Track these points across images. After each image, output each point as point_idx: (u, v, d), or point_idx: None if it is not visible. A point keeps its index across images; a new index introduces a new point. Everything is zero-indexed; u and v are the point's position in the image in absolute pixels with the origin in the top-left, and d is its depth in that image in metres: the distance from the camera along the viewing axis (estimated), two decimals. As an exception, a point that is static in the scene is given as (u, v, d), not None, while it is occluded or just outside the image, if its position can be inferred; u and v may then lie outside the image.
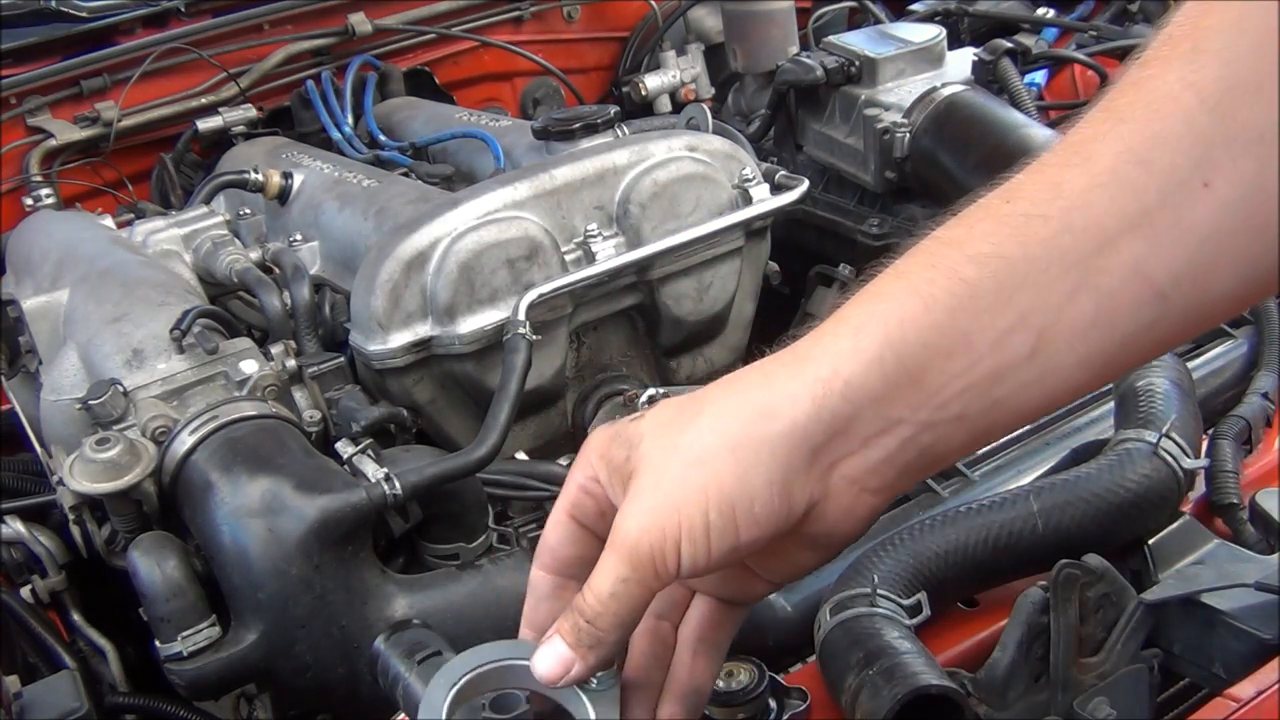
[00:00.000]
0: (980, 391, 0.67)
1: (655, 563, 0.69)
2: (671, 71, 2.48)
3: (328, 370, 1.39)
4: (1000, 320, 0.66)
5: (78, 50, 2.18)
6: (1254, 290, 0.67)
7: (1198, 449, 1.10)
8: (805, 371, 0.68)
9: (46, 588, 1.43)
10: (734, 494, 0.68)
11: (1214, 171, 0.63)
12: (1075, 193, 0.65)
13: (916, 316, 0.67)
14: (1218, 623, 0.94)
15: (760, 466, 0.67)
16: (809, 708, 0.96)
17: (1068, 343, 0.66)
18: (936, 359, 0.66)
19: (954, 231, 0.69)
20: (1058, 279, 0.65)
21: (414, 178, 1.86)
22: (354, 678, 1.14)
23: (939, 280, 0.67)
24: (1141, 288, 0.65)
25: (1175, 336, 0.68)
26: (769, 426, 0.68)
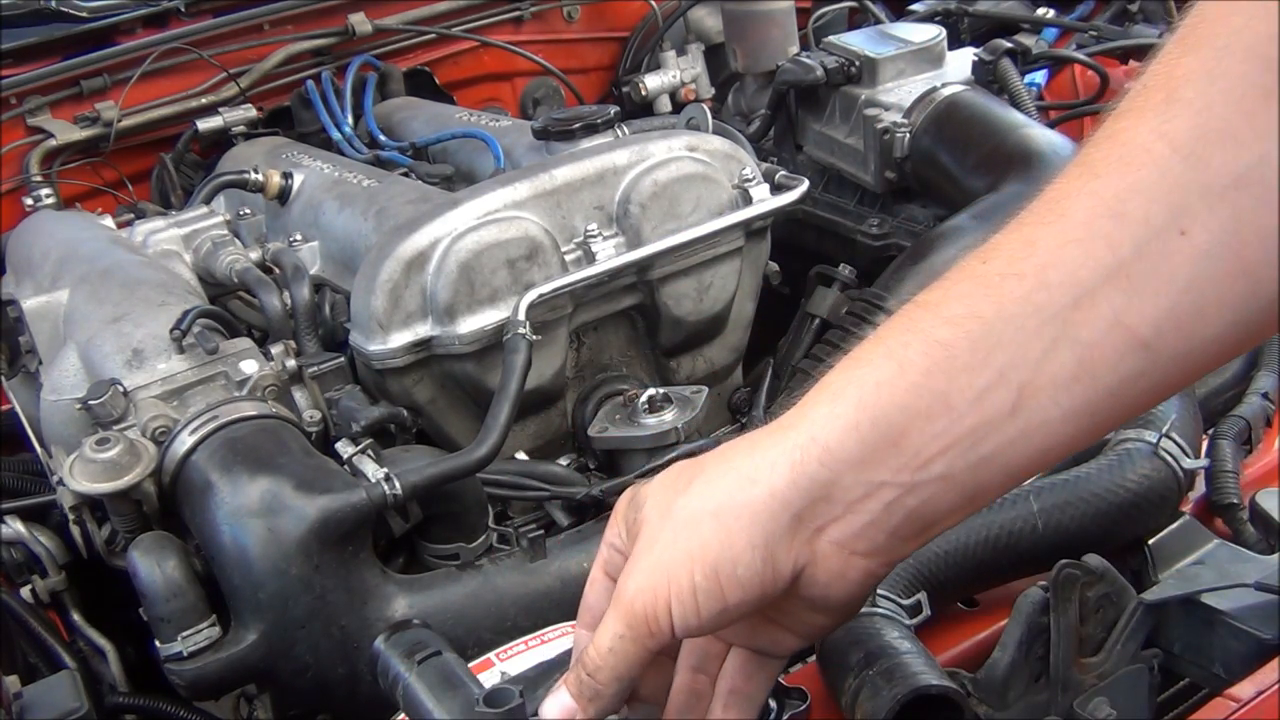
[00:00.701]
0: (963, 450, 0.67)
1: (649, 622, 0.71)
2: (671, 71, 2.48)
3: (328, 370, 1.39)
4: (978, 379, 0.66)
5: (78, 50, 2.18)
6: (1244, 335, 0.66)
7: (1198, 449, 1.10)
8: (786, 439, 0.70)
9: (46, 588, 1.43)
10: (718, 558, 0.69)
11: (1190, 220, 0.63)
12: (1049, 249, 0.65)
13: (892, 380, 0.67)
14: (1218, 623, 0.94)
15: (742, 531, 0.69)
16: (809, 708, 0.96)
17: (1051, 397, 0.65)
18: (915, 420, 0.67)
19: (932, 295, 0.70)
20: (1034, 334, 0.65)
21: (414, 178, 1.86)
22: (354, 678, 1.14)
23: (914, 344, 0.67)
24: (1123, 338, 0.64)
25: (1165, 386, 0.67)
26: (750, 492, 0.69)
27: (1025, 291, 0.65)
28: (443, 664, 0.96)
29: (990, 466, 0.68)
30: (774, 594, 0.71)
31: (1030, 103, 1.83)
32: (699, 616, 0.70)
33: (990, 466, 0.68)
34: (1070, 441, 0.68)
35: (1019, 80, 1.86)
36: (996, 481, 0.69)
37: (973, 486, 0.69)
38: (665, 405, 1.42)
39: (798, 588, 0.71)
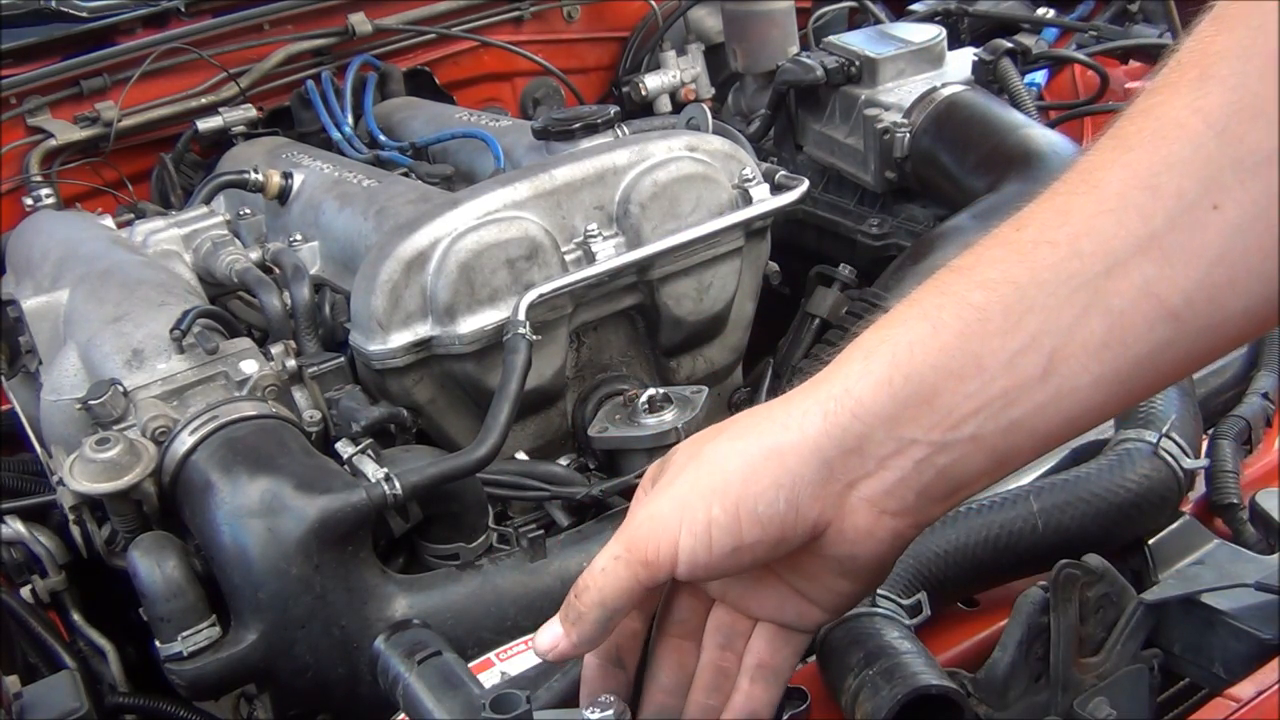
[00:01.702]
0: (994, 412, 0.68)
1: (648, 550, 0.72)
2: (671, 71, 2.48)
3: (328, 370, 1.39)
4: (1010, 342, 0.67)
5: (78, 50, 2.18)
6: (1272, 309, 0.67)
7: (1198, 449, 1.10)
8: (819, 392, 0.71)
9: (46, 588, 1.43)
10: (740, 493, 0.70)
11: (1222, 194, 0.64)
12: (1083, 219, 0.66)
13: (925, 339, 0.68)
14: (1218, 623, 0.94)
15: (769, 471, 0.70)
16: (809, 708, 0.96)
17: (1081, 363, 0.66)
18: (947, 380, 0.68)
19: (965, 260, 0.70)
20: (1066, 301, 0.66)
21: (414, 178, 1.86)
22: (354, 678, 1.14)
23: (948, 306, 0.69)
24: (1153, 308, 0.65)
25: (1193, 358, 0.68)
26: (781, 436, 0.70)
27: (1058, 259, 0.66)
28: (443, 664, 0.97)
29: (1020, 430, 0.68)
30: (792, 541, 0.71)
31: (1030, 103, 1.83)
32: (710, 552, 0.70)
33: (1020, 430, 0.68)
34: (1099, 409, 0.69)
35: (1019, 80, 1.86)
36: (1026, 445, 0.70)
37: (1003, 449, 0.69)
38: (665, 405, 1.42)
39: (824, 546, 0.72)
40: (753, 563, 0.72)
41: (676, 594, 0.79)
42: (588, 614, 0.75)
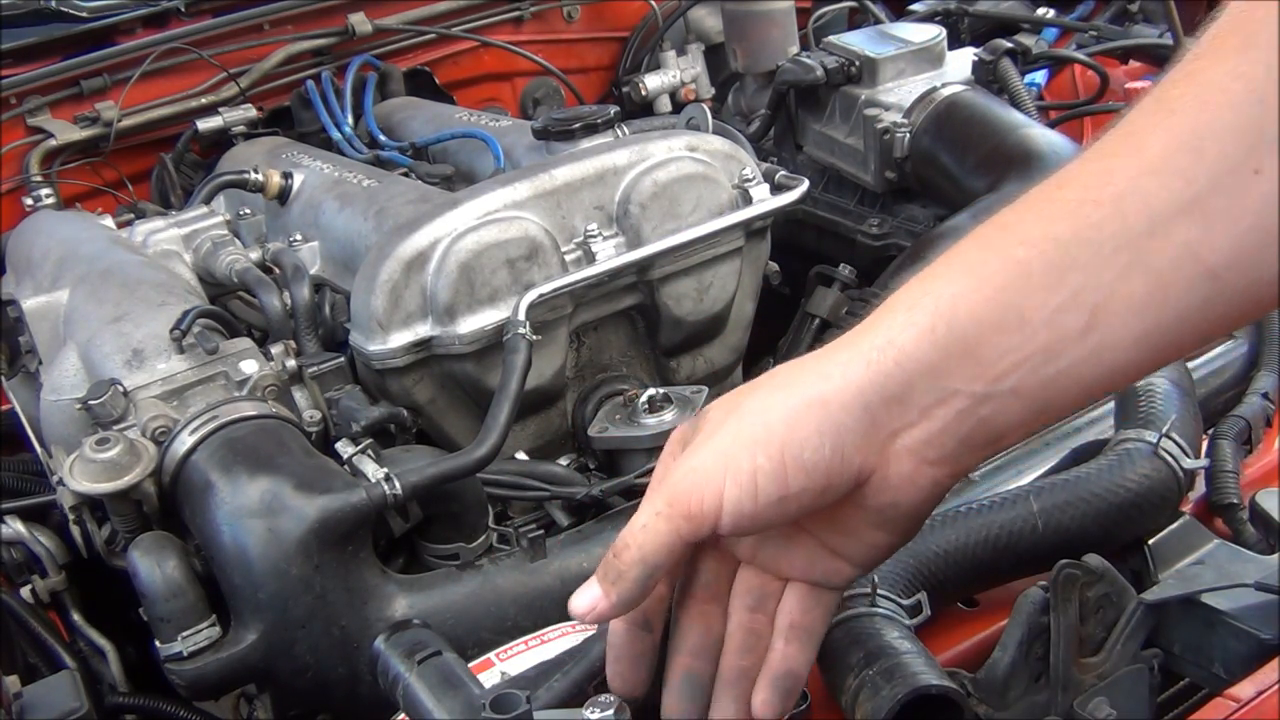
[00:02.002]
0: (1035, 366, 0.68)
1: (691, 503, 0.71)
2: (671, 71, 2.48)
3: (328, 370, 1.39)
4: (1053, 298, 0.68)
5: (78, 50, 2.18)
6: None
7: (1198, 449, 1.10)
8: (862, 342, 0.71)
9: (46, 588, 1.43)
10: (784, 439, 0.70)
11: (1264, 159, 0.65)
12: (1127, 179, 0.67)
13: (968, 292, 0.69)
14: (1218, 623, 0.94)
15: (813, 418, 0.70)
16: (809, 708, 0.96)
17: (1122, 320, 0.67)
18: (989, 333, 0.69)
19: (1007, 217, 0.71)
20: (1109, 258, 0.67)
21: (414, 178, 1.86)
22: (354, 678, 1.14)
23: (991, 260, 0.70)
24: (1194, 268, 0.66)
25: (1231, 317, 0.69)
26: (824, 385, 0.71)
27: (1101, 218, 0.67)
28: (443, 664, 0.97)
29: (1060, 383, 0.69)
30: (837, 489, 0.71)
31: (1030, 103, 1.83)
32: (755, 502, 0.70)
33: (1060, 383, 0.69)
34: (1138, 364, 0.70)
35: (1019, 80, 1.86)
36: (1065, 399, 0.71)
37: (1042, 401, 0.70)
38: (665, 405, 1.42)
39: (865, 496, 0.72)
40: (798, 512, 0.72)
41: (702, 557, 0.79)
42: (628, 572, 0.74)
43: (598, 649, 0.95)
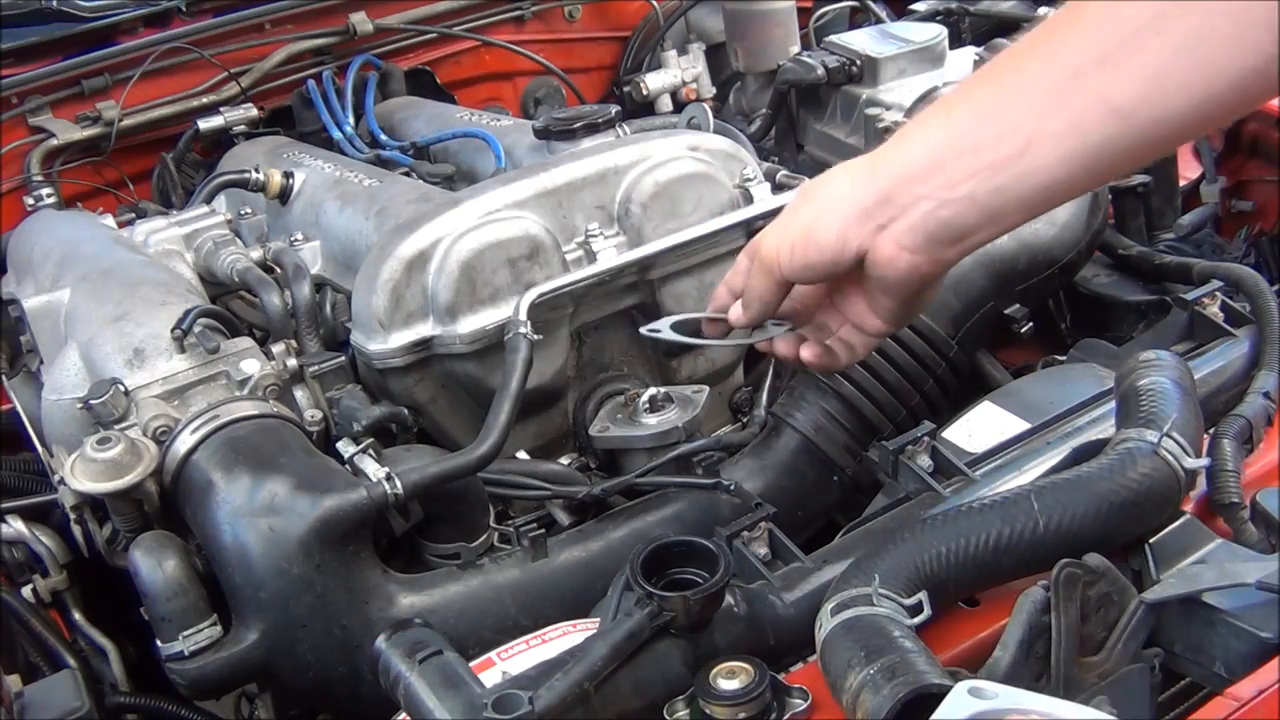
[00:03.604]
0: (983, 179, 0.93)
1: (767, 259, 1.08)
2: (673, 71, 2.48)
3: (329, 370, 1.39)
4: (999, 127, 0.92)
5: (79, 50, 2.18)
6: (1204, 116, 0.89)
7: (1199, 448, 1.10)
8: (873, 158, 1.01)
9: (48, 587, 1.43)
10: (810, 229, 1.03)
11: (1164, 22, 0.84)
12: (1062, 37, 0.90)
13: (941, 125, 0.96)
14: (1218, 622, 0.94)
15: (825, 216, 1.02)
16: (810, 707, 0.96)
17: (1049, 146, 0.90)
18: (950, 154, 0.94)
19: (974, 76, 1.00)
20: (1040, 98, 0.90)
21: (415, 177, 1.86)
22: (355, 677, 1.14)
23: (957, 102, 0.97)
24: (1105, 107, 0.88)
25: (1137, 150, 0.92)
26: (843, 184, 1.02)
27: (1035, 68, 0.91)
28: (444, 663, 0.97)
29: (1003, 195, 0.94)
30: (843, 264, 1.03)
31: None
32: (792, 263, 1.05)
33: (1003, 195, 0.94)
34: (1065, 182, 0.93)
35: (1020, 79, 1.86)
36: (1009, 209, 0.95)
37: (991, 209, 0.95)
38: (666, 405, 1.42)
39: (867, 270, 1.03)
40: (826, 273, 1.05)
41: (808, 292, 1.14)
42: (753, 303, 1.13)
43: (598, 648, 0.96)
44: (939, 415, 1.38)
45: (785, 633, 1.08)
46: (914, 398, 1.41)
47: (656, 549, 1.02)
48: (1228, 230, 1.98)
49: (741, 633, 1.05)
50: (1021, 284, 1.54)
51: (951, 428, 1.33)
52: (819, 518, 1.38)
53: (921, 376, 1.42)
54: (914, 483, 1.23)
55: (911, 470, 1.23)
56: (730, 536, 1.15)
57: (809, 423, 1.36)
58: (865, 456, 1.31)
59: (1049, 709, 0.78)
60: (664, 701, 0.98)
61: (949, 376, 1.45)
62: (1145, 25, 0.85)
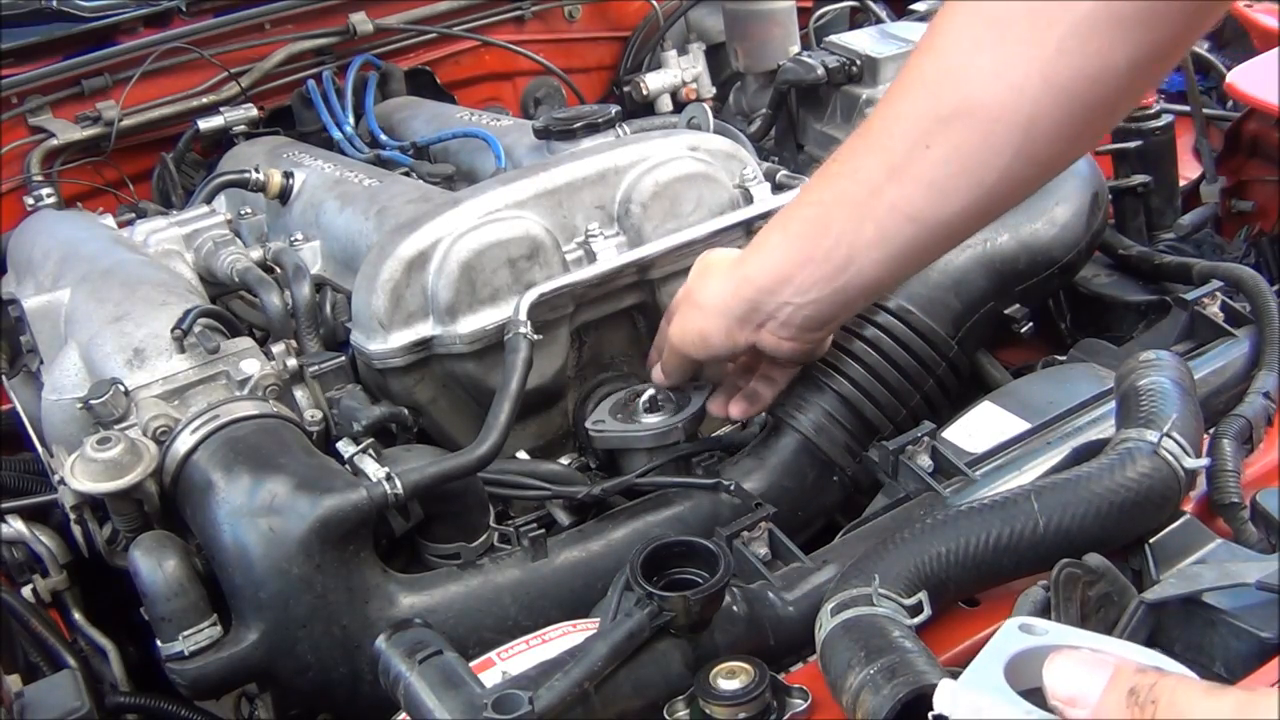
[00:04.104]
0: (824, 284, 1.14)
1: (679, 348, 1.29)
2: (673, 71, 2.48)
3: (329, 370, 1.39)
4: (826, 241, 1.11)
5: (79, 50, 2.18)
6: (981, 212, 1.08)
7: (1199, 448, 1.10)
8: (736, 274, 1.21)
9: (48, 587, 1.43)
10: (704, 333, 1.25)
11: (932, 138, 1.01)
12: (860, 156, 1.08)
13: (782, 244, 1.16)
14: (1219, 622, 0.94)
15: (714, 322, 1.23)
16: (810, 707, 0.96)
17: (867, 254, 1.10)
18: (795, 266, 1.14)
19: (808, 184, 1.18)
20: (851, 213, 1.09)
21: (415, 177, 1.86)
22: (355, 677, 1.14)
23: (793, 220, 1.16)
24: (900, 215, 1.06)
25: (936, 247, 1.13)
26: (722, 297, 1.22)
27: (845, 186, 1.09)
28: (444, 663, 0.97)
29: (844, 294, 1.15)
30: (739, 351, 1.26)
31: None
32: (698, 355, 1.28)
33: (844, 294, 1.15)
34: (891, 277, 1.16)
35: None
36: (853, 300, 1.18)
37: (839, 304, 1.17)
38: (666, 404, 1.42)
39: (759, 350, 1.25)
40: (725, 358, 1.30)
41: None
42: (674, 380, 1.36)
43: (598, 648, 0.96)
44: (939, 415, 1.38)
45: (785, 633, 1.08)
46: (914, 398, 1.41)
47: (656, 549, 1.02)
48: (1228, 230, 1.98)
49: (741, 633, 1.05)
50: (1021, 284, 1.54)
51: (951, 428, 1.33)
52: (819, 518, 1.38)
53: (921, 376, 1.42)
54: (914, 483, 1.23)
55: (911, 470, 1.23)
56: (730, 536, 1.15)
57: (809, 423, 1.36)
58: (865, 456, 1.31)
59: (1099, 643, 0.79)
60: (664, 701, 0.98)
61: (949, 376, 1.45)
62: (917, 141, 1.02)
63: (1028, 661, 0.77)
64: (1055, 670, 0.73)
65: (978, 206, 1.05)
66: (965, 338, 1.48)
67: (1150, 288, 1.68)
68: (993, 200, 1.06)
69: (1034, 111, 0.98)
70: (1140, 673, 0.69)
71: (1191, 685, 0.67)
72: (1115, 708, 0.68)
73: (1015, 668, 0.77)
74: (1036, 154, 1.02)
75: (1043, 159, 1.04)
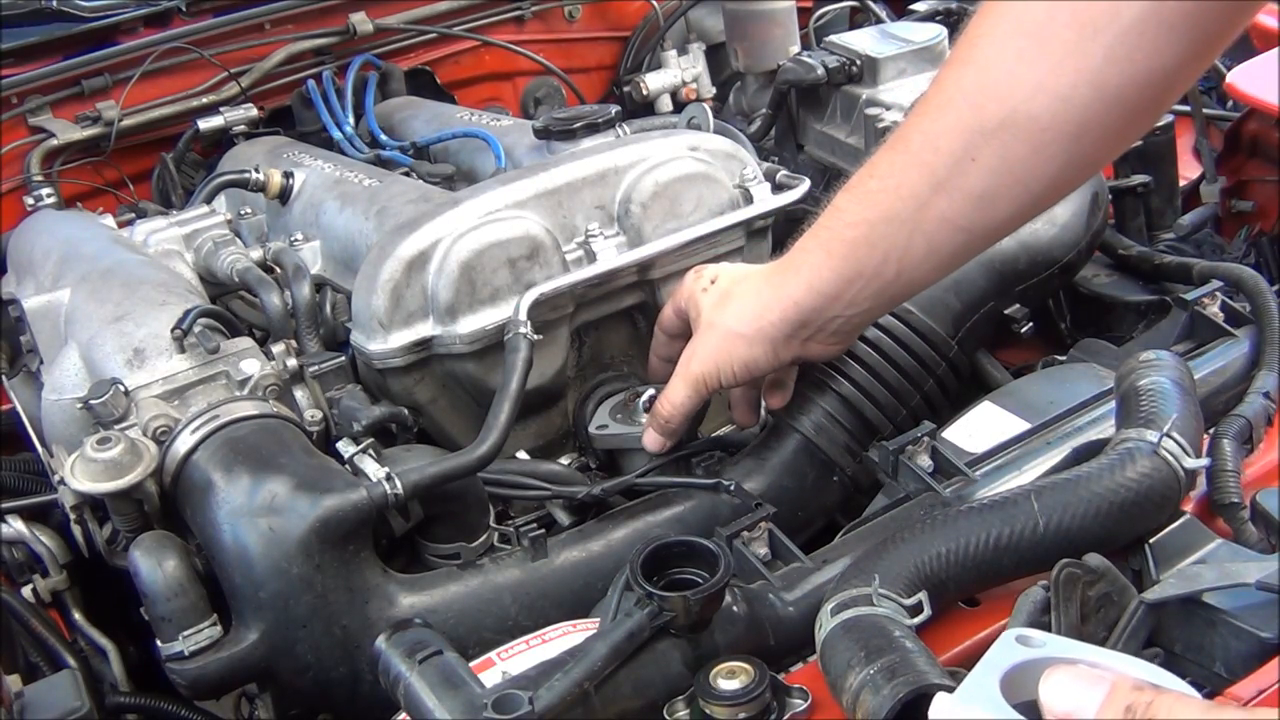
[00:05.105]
0: (875, 295, 1.17)
1: (705, 386, 1.27)
2: (673, 71, 2.47)
3: (329, 370, 1.39)
4: (874, 257, 1.13)
5: (79, 50, 2.18)
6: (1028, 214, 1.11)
7: (1199, 448, 1.10)
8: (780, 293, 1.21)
9: (48, 587, 1.43)
10: (751, 359, 1.25)
11: (977, 150, 1.02)
12: (901, 171, 1.09)
13: (825, 264, 1.17)
14: (1219, 622, 0.94)
15: (760, 345, 1.23)
16: (810, 707, 0.96)
17: (916, 264, 1.13)
18: (844, 284, 1.16)
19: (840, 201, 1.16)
20: (899, 229, 1.10)
21: (415, 177, 1.86)
22: (355, 677, 1.14)
23: (834, 241, 1.16)
24: (950, 227, 1.09)
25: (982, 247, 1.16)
26: (761, 323, 1.22)
27: (889, 202, 1.10)
28: (444, 663, 0.97)
29: (895, 298, 1.21)
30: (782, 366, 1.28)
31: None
32: (737, 379, 1.27)
33: (895, 298, 1.21)
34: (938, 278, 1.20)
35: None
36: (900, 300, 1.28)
37: (888, 306, 1.27)
38: (666, 405, 1.42)
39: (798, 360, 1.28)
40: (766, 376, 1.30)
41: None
42: (680, 428, 1.32)
43: (598, 648, 0.96)
44: (939, 415, 1.38)
45: (785, 633, 1.08)
46: (914, 398, 1.41)
47: (656, 549, 1.02)
48: (1228, 230, 1.98)
49: (741, 633, 1.05)
50: (1021, 284, 1.54)
51: (951, 428, 1.33)
52: (819, 518, 1.38)
53: (921, 376, 1.42)
54: (914, 483, 1.23)
55: (911, 470, 1.23)
56: (730, 536, 1.15)
57: (809, 423, 1.36)
58: (865, 456, 1.31)
59: (1096, 656, 0.78)
60: (664, 701, 0.98)
61: (949, 376, 1.45)
62: (962, 155, 1.02)
63: (1025, 674, 0.77)
64: (1051, 685, 0.73)
65: (1025, 211, 1.09)
66: (965, 338, 1.48)
67: (1150, 288, 1.68)
68: (1040, 203, 1.09)
69: (1084, 119, 0.98)
70: (1137, 689, 0.68)
71: (1189, 703, 0.67)
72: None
73: (1012, 680, 0.77)
74: (1085, 157, 1.04)
75: (1090, 161, 1.06)
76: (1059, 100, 0.98)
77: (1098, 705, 0.69)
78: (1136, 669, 0.77)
